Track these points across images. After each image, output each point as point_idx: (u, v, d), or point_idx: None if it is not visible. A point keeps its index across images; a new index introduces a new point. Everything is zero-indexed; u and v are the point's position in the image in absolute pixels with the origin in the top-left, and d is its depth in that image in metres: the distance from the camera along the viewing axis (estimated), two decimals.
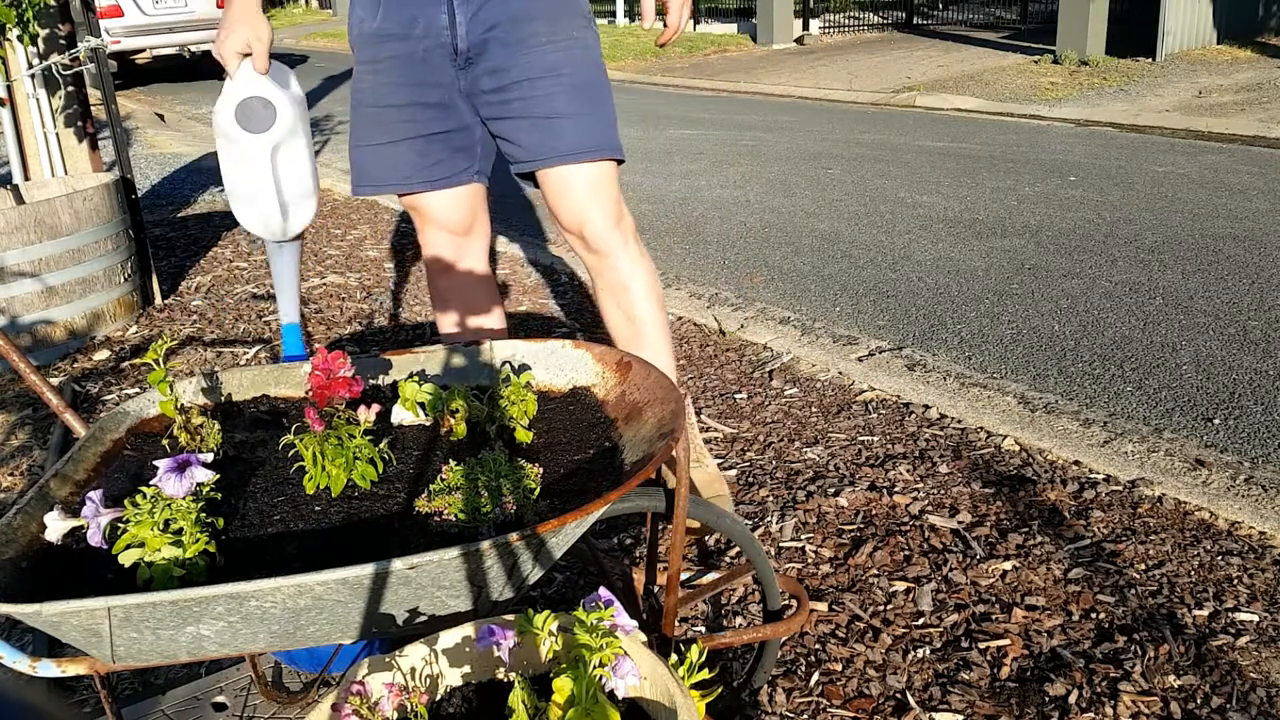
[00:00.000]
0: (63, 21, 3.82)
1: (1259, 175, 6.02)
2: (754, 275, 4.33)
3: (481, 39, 1.84)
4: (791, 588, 1.52)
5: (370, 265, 4.48)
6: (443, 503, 1.18)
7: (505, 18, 1.83)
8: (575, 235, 1.97)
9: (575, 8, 1.92)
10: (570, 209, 1.93)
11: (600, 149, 1.91)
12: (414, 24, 1.84)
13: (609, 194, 1.95)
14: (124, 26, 12.43)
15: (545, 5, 1.86)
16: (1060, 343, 3.42)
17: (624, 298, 2.00)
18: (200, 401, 1.45)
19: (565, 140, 1.88)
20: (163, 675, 1.81)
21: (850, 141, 7.68)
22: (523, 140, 1.90)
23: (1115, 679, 1.74)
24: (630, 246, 1.98)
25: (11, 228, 3.20)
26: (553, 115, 1.86)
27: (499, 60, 1.85)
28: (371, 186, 1.97)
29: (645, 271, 2.01)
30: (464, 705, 1.09)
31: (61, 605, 0.95)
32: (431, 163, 1.93)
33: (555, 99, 1.86)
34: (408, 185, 1.95)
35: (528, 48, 1.85)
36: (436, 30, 1.84)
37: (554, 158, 1.89)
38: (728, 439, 2.70)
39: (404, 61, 1.87)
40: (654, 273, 2.04)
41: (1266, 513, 2.24)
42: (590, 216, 1.93)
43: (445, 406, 1.37)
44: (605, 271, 1.99)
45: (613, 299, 2.02)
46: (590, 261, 2.01)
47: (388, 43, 1.87)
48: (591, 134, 1.90)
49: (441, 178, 1.95)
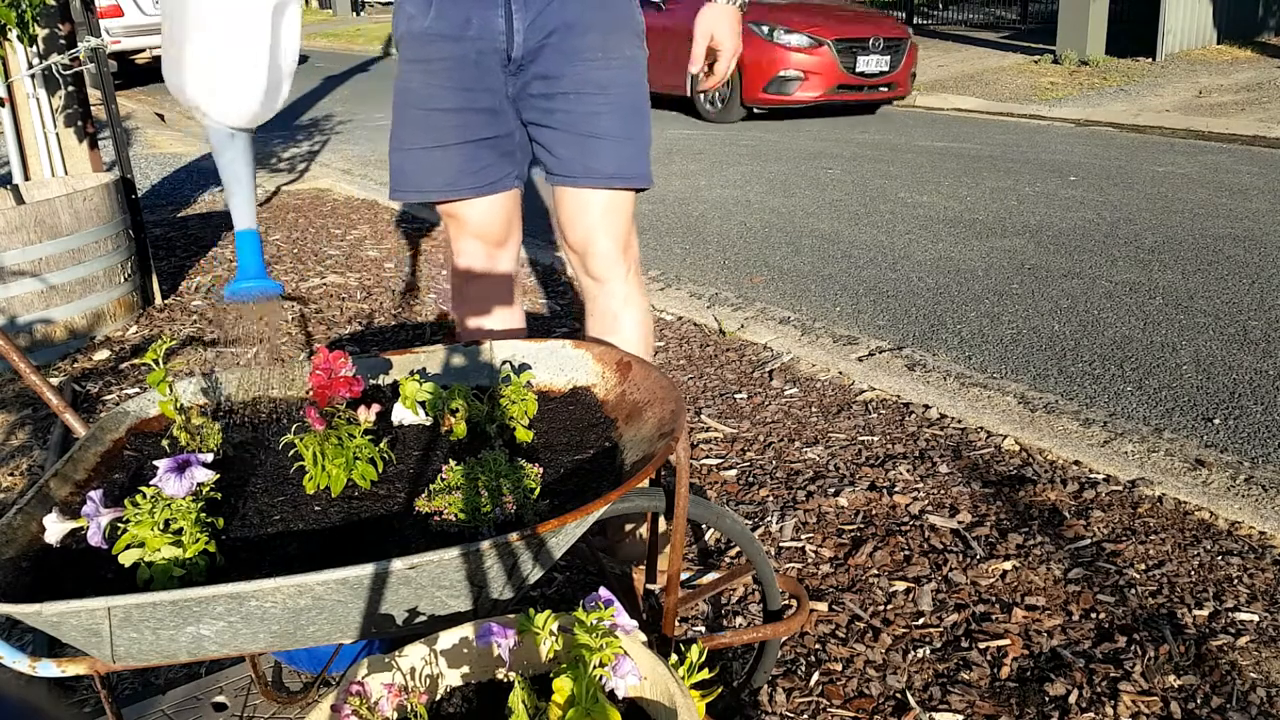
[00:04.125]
0: (63, 21, 3.82)
1: (1259, 175, 6.02)
2: (754, 275, 4.33)
3: (538, 45, 1.79)
4: (791, 588, 1.52)
5: (370, 265, 4.48)
6: (443, 503, 1.18)
7: (562, 24, 1.78)
8: (578, 255, 1.93)
9: (632, 25, 1.86)
10: (580, 228, 1.89)
11: (634, 178, 1.86)
12: (467, 25, 1.77)
13: (623, 221, 1.90)
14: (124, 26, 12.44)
15: (603, 17, 1.81)
16: (1060, 343, 3.42)
17: (612, 329, 1.93)
18: (200, 401, 1.45)
19: (602, 163, 1.83)
20: (163, 675, 1.81)
21: (850, 141, 7.68)
22: (560, 152, 1.85)
23: (1115, 679, 1.74)
24: (630, 278, 1.93)
25: (11, 228, 3.20)
26: (594, 134, 1.82)
27: (551, 68, 1.79)
28: (415, 191, 1.88)
29: (639, 307, 1.95)
30: (464, 705, 1.09)
31: (61, 605, 0.95)
32: (478, 168, 1.86)
33: (599, 118, 1.82)
34: (454, 191, 1.87)
35: (581, 60, 1.79)
36: (491, 34, 1.77)
37: (586, 178, 1.85)
38: (728, 439, 2.70)
39: (456, 64, 1.80)
40: (648, 311, 1.99)
41: (1266, 513, 2.24)
42: (597, 239, 1.88)
43: (445, 406, 1.37)
44: (599, 298, 1.94)
45: (599, 328, 1.95)
46: (586, 285, 1.95)
47: (439, 43, 1.79)
48: (628, 161, 1.85)
49: (487, 184, 1.88)
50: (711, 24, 1.82)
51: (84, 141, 4.01)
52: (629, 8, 1.85)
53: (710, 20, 1.82)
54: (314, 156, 7.51)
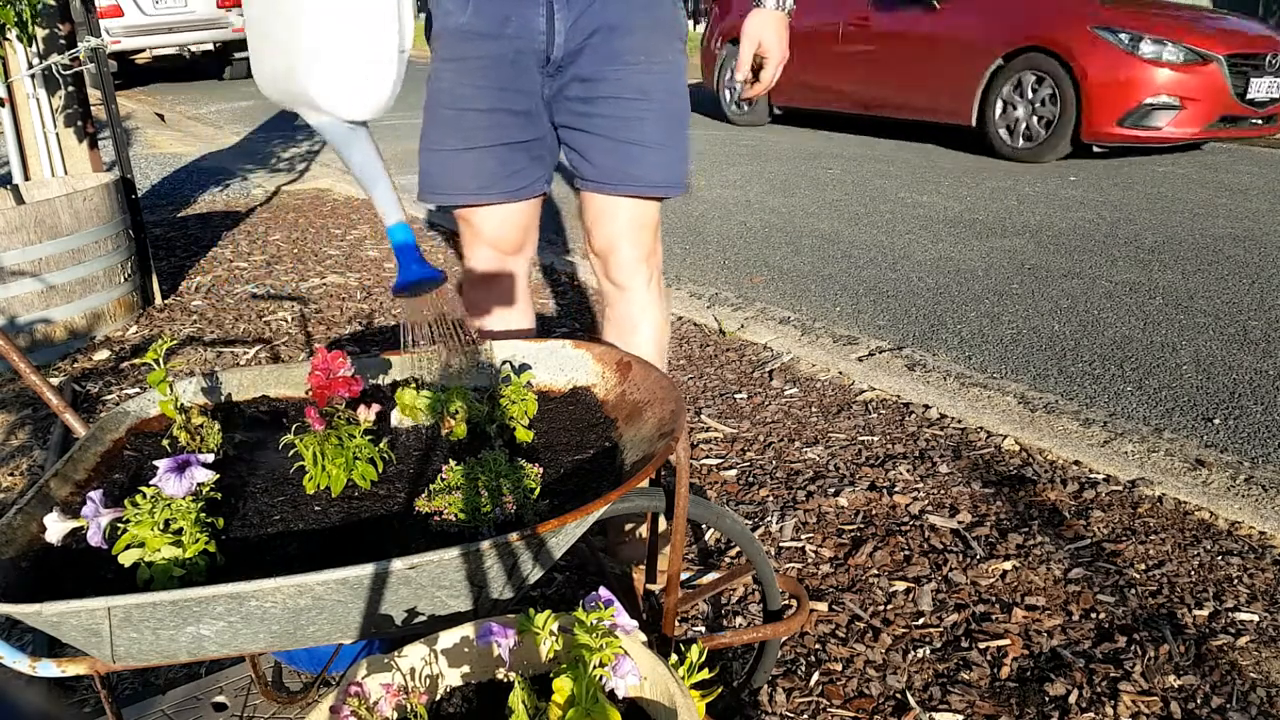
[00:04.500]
0: (63, 21, 3.82)
1: (1259, 175, 6.02)
2: (754, 275, 4.33)
3: (578, 46, 1.72)
4: (791, 588, 1.52)
5: (370, 265, 4.48)
6: (443, 503, 1.18)
7: (604, 25, 1.72)
8: (601, 259, 1.89)
9: (675, 28, 1.81)
10: (606, 233, 1.85)
11: (674, 185, 1.82)
12: (506, 23, 1.70)
13: (650, 228, 1.86)
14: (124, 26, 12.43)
15: (647, 19, 1.75)
16: (1060, 343, 3.42)
17: (630, 336, 1.90)
18: (200, 401, 1.45)
19: (644, 171, 1.78)
20: (163, 675, 1.81)
21: (850, 141, 7.68)
22: (598, 159, 1.79)
23: (1115, 679, 1.74)
24: (651, 285, 1.89)
25: (11, 228, 3.20)
26: (636, 142, 1.76)
27: (591, 70, 1.74)
28: (443, 194, 1.81)
29: (658, 315, 1.92)
30: (464, 705, 1.09)
31: (62, 605, 0.95)
32: (510, 172, 1.80)
33: (643, 125, 1.76)
34: (484, 195, 1.80)
35: (623, 63, 1.74)
36: (531, 33, 1.71)
37: (628, 185, 1.79)
38: (728, 439, 2.70)
39: (492, 63, 1.73)
40: (667, 318, 1.95)
41: (1266, 513, 2.24)
42: (621, 246, 1.84)
43: (445, 407, 1.37)
44: (618, 303, 1.90)
45: (616, 333, 1.92)
46: (607, 289, 1.92)
47: (476, 41, 1.72)
48: (670, 169, 1.80)
49: (517, 189, 1.82)
50: (760, 29, 1.76)
51: (84, 141, 4.01)
52: (673, 10, 1.80)
53: (759, 25, 1.76)
54: (314, 156, 7.51)
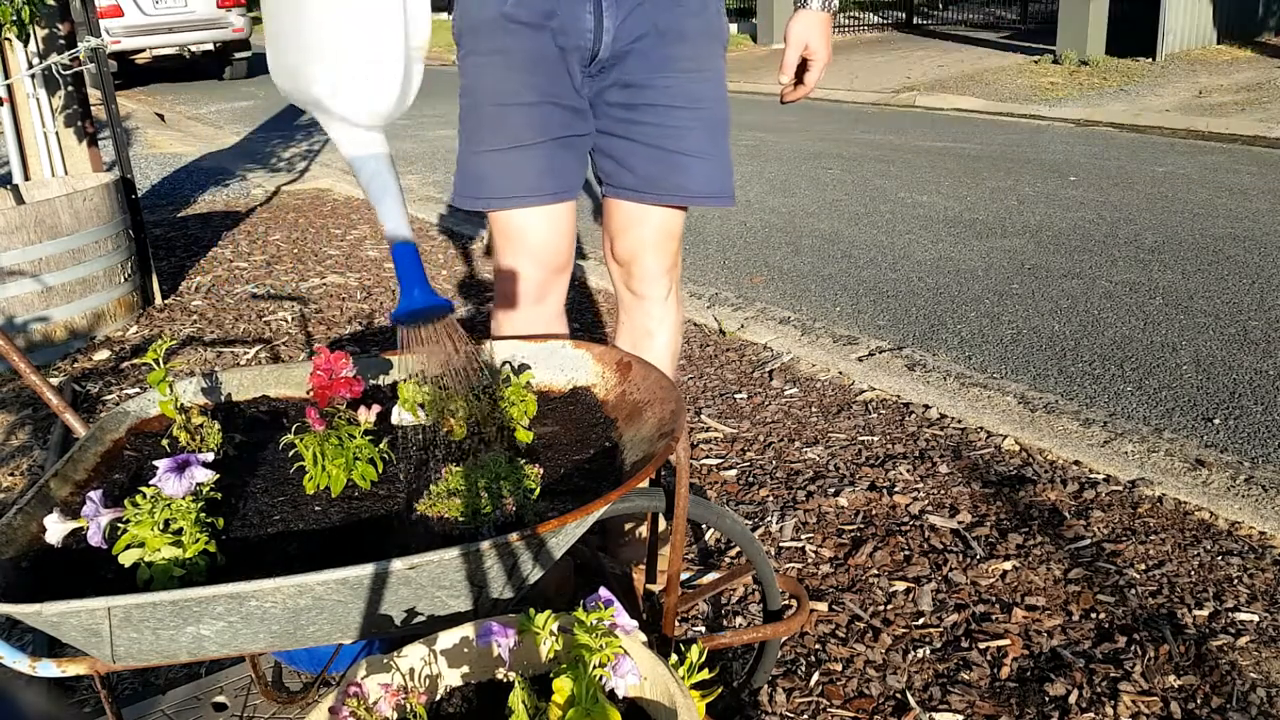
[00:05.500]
0: (62, 21, 3.82)
1: (1259, 175, 6.02)
2: (754, 275, 4.33)
3: (625, 48, 1.65)
4: (791, 588, 1.52)
5: (370, 265, 4.48)
6: (443, 504, 1.18)
7: (653, 29, 1.65)
8: (623, 268, 1.83)
9: (721, 35, 1.75)
10: (631, 242, 1.79)
11: (722, 195, 1.76)
12: (551, 17, 1.62)
13: (677, 236, 1.82)
14: (124, 26, 12.44)
15: (698, 25, 1.69)
16: (1060, 343, 3.42)
17: (645, 346, 1.87)
18: (200, 401, 1.45)
19: (691, 181, 1.72)
20: (163, 675, 1.81)
21: (850, 141, 7.68)
22: (641, 168, 1.72)
23: (1115, 679, 1.74)
24: (671, 295, 1.85)
25: (11, 228, 3.20)
26: (685, 152, 1.71)
27: (637, 75, 1.67)
28: (496, 199, 1.70)
29: (674, 324, 1.88)
30: (463, 705, 1.09)
31: (62, 605, 0.95)
32: (559, 172, 1.70)
33: (692, 135, 1.70)
34: (535, 198, 1.70)
35: (673, 70, 1.67)
36: (577, 30, 1.63)
37: (674, 195, 1.73)
38: (728, 439, 2.70)
39: (534, 56, 1.64)
40: (681, 327, 1.92)
41: (1266, 513, 2.24)
42: (646, 255, 1.79)
43: (445, 407, 1.37)
44: (636, 312, 1.86)
45: (631, 341, 1.89)
46: (625, 297, 1.87)
47: (518, 32, 1.63)
48: (719, 179, 1.75)
49: (565, 189, 1.72)
50: (805, 32, 1.69)
51: (84, 141, 4.01)
52: (719, 17, 1.75)
53: (804, 28, 1.69)
54: (314, 156, 7.51)
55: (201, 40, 13.07)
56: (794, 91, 1.77)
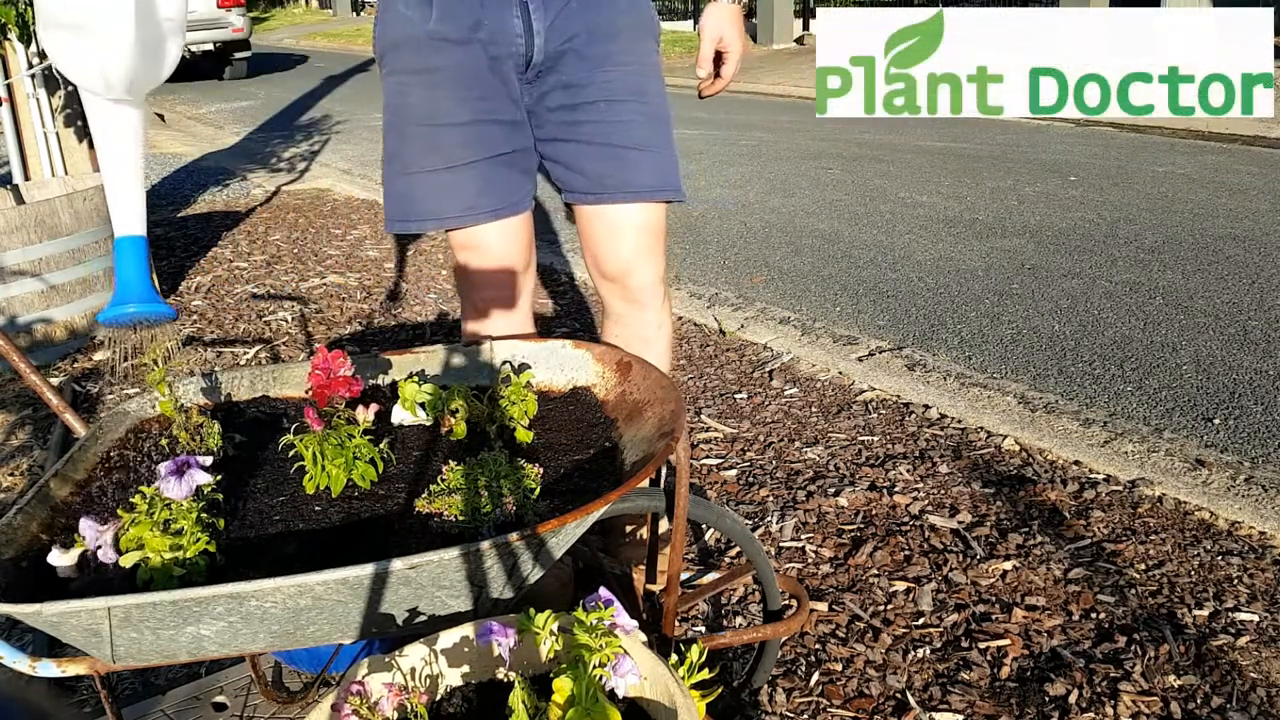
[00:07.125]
0: None
1: (1259, 175, 6.02)
2: (754, 275, 4.33)
3: (559, 50, 1.63)
4: (791, 588, 1.52)
5: (370, 265, 4.48)
6: (443, 503, 1.18)
7: (585, 29, 1.63)
8: (615, 283, 1.78)
9: (653, 27, 1.74)
10: (618, 254, 1.74)
11: (671, 189, 1.73)
12: (477, 28, 1.59)
13: (659, 241, 1.76)
14: None
15: (630, 20, 1.68)
16: (1060, 343, 3.42)
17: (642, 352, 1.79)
18: (200, 401, 1.45)
19: (642, 176, 1.68)
20: (163, 675, 1.81)
21: (850, 141, 7.68)
22: (589, 168, 1.69)
23: (1115, 679, 1.74)
24: (664, 301, 1.82)
25: (11, 228, 3.20)
26: (631, 145, 1.67)
27: (577, 75, 1.64)
28: (430, 220, 1.67)
29: (669, 330, 1.86)
30: (464, 705, 1.09)
31: (62, 605, 0.95)
32: (499, 189, 1.67)
33: (636, 128, 1.67)
34: (472, 216, 1.66)
35: (611, 65, 1.65)
36: (506, 37, 1.60)
37: (625, 193, 1.69)
38: (728, 439, 2.70)
39: (465, 72, 1.61)
40: (673, 329, 1.89)
41: (1266, 513, 2.24)
42: (638, 267, 1.74)
43: (445, 406, 1.37)
44: (632, 322, 1.81)
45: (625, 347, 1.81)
46: (618, 308, 1.82)
47: (444, 49, 1.60)
48: (667, 172, 1.71)
49: (507, 205, 1.69)
50: (718, 25, 1.70)
51: (84, 141, 4.01)
52: (649, 9, 1.74)
53: (716, 20, 1.70)
54: (314, 156, 7.51)
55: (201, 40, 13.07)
56: (712, 85, 1.77)
